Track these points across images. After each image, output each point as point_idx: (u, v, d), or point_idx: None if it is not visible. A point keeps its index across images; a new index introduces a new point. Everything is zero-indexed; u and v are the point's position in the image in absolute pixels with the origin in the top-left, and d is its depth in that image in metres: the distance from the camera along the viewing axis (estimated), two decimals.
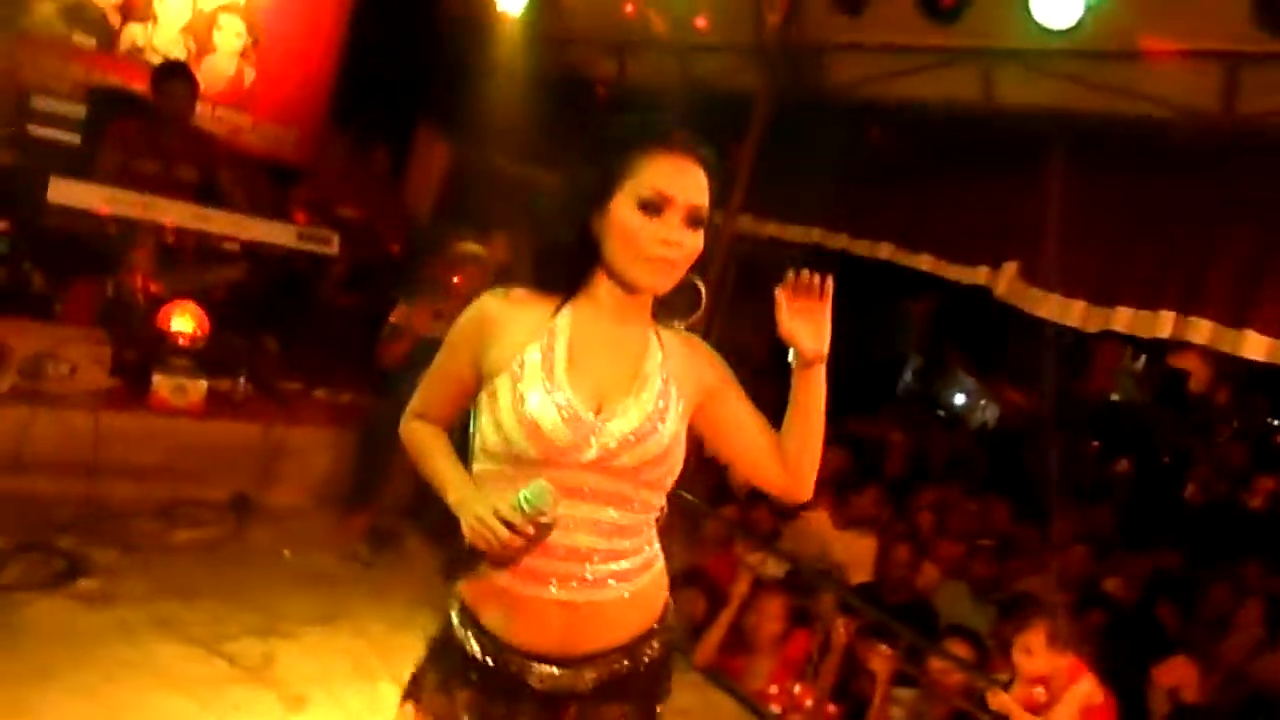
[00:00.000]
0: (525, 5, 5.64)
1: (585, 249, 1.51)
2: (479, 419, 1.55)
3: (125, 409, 4.06)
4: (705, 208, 1.49)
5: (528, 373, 1.48)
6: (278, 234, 4.73)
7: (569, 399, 1.48)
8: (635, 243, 1.46)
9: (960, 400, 10.66)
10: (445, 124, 7.03)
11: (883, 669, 3.48)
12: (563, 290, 1.55)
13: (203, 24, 5.83)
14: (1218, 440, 8.80)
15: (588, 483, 1.48)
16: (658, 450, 1.51)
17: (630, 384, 1.53)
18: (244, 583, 3.65)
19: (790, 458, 1.63)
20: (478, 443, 1.56)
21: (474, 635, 1.54)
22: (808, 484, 1.66)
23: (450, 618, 1.59)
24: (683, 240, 1.47)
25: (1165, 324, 3.52)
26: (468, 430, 1.61)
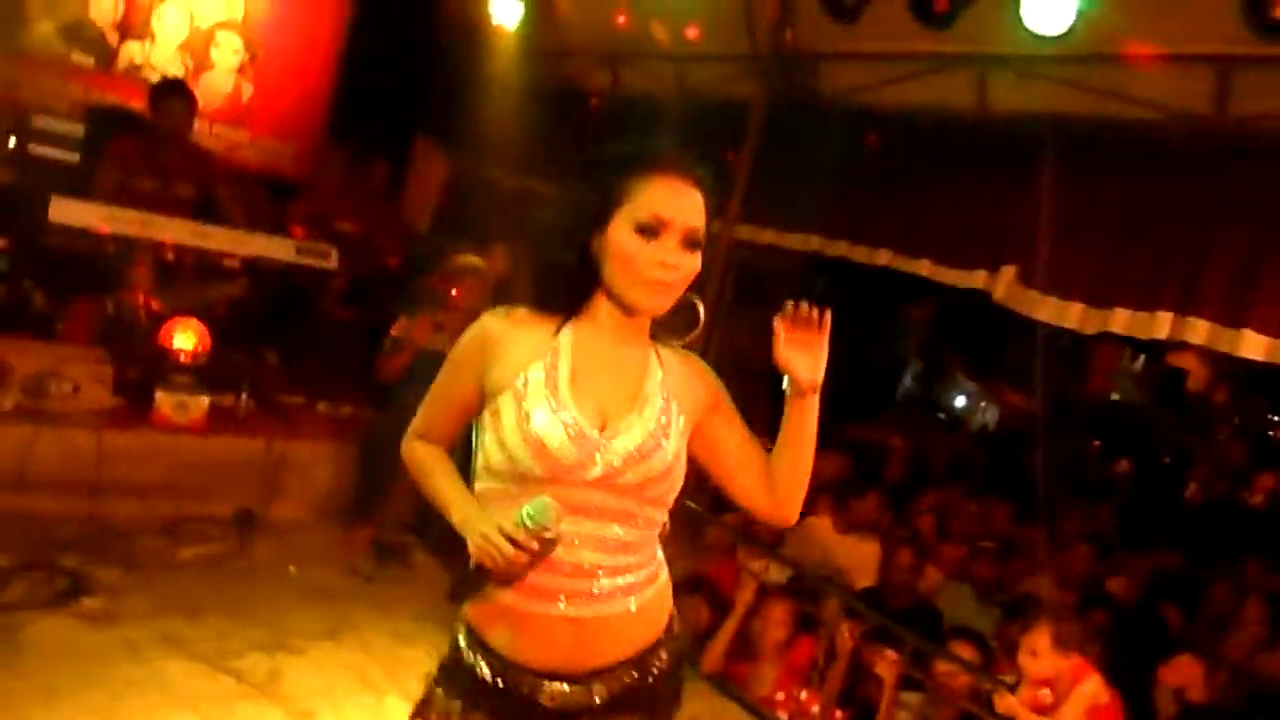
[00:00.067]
0: (521, 18, 5.68)
1: (585, 271, 1.53)
2: (482, 438, 1.56)
3: (128, 427, 4.07)
4: (702, 229, 1.50)
5: (532, 391, 1.49)
6: (277, 249, 4.75)
7: (575, 417, 1.49)
8: (633, 266, 1.48)
9: (960, 403, 10.68)
10: (443, 137, 7.06)
11: (889, 674, 3.47)
12: (563, 311, 1.57)
13: (200, 41, 5.85)
14: (1217, 439, 8.83)
15: (593, 500, 1.49)
16: (661, 467, 1.53)
17: (633, 402, 1.54)
18: (249, 598, 3.65)
19: (779, 483, 1.65)
20: (480, 462, 1.56)
21: (482, 657, 1.54)
22: (794, 509, 1.68)
23: (458, 640, 1.59)
24: (680, 263, 1.49)
25: (1163, 325, 3.53)
26: (469, 449, 1.61)
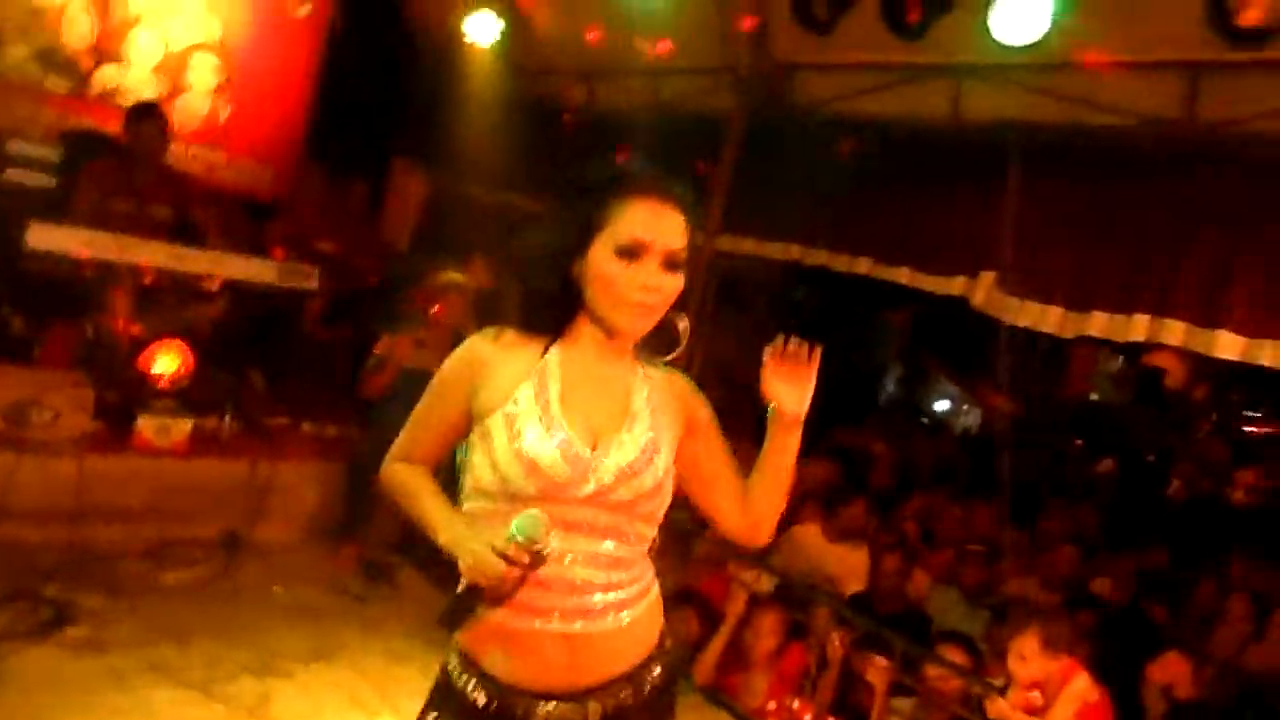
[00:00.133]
0: (497, 36, 5.69)
1: (568, 295, 1.55)
2: (471, 459, 1.56)
3: (109, 452, 4.05)
4: (683, 250, 1.52)
5: (523, 411, 1.50)
6: (257, 270, 4.74)
7: (567, 435, 1.50)
8: (615, 289, 1.49)
9: (942, 407, 10.76)
10: (421, 155, 7.06)
11: (880, 680, 3.49)
12: (549, 333, 1.58)
13: (175, 63, 5.82)
14: (1197, 436, 8.91)
15: (585, 517, 1.50)
16: (652, 483, 1.54)
17: (622, 420, 1.56)
18: (236, 622, 3.63)
19: (753, 505, 1.69)
20: (469, 483, 1.56)
21: (475, 680, 1.53)
22: (767, 531, 1.73)
23: (449, 666, 1.58)
24: (661, 285, 1.50)
25: (1140, 327, 3.58)
26: (451, 472, 1.62)
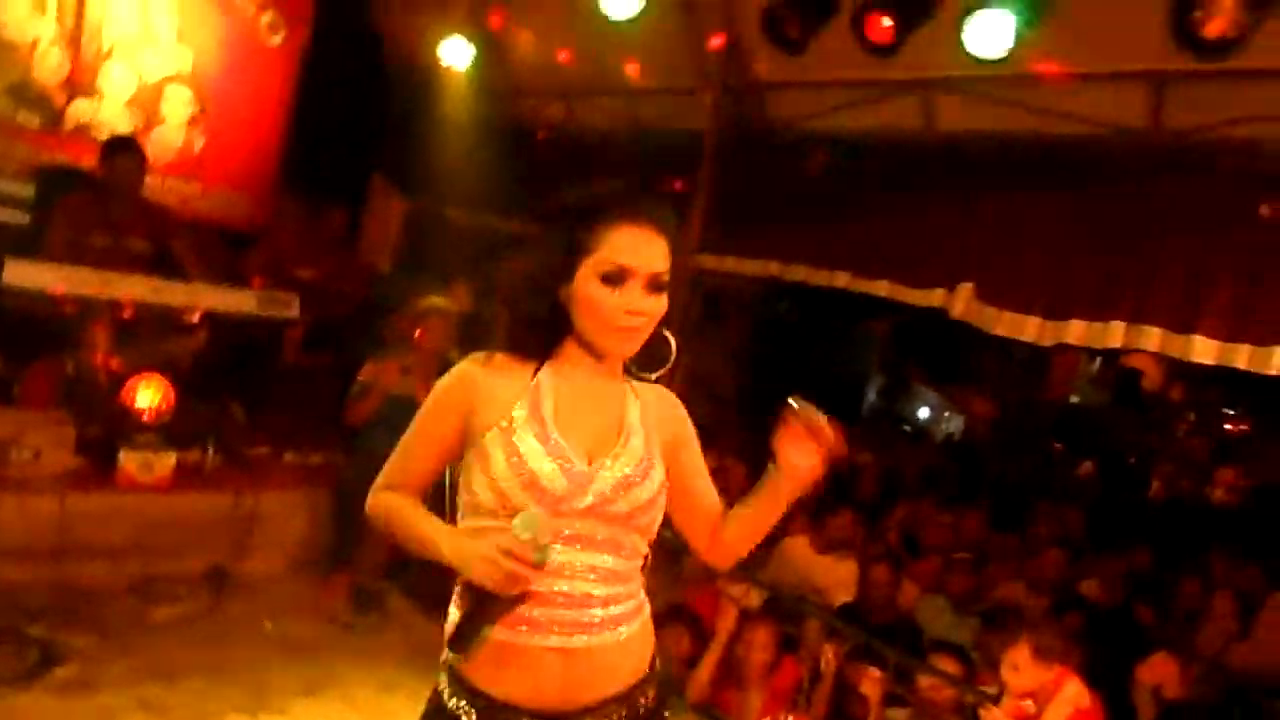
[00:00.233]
0: (472, 60, 5.71)
1: (555, 318, 1.57)
2: (467, 479, 1.57)
3: (92, 489, 4.00)
4: (666, 272, 1.54)
5: (519, 428, 1.52)
6: (237, 301, 4.71)
7: (565, 450, 1.52)
8: (600, 314, 1.52)
9: (924, 414, 10.83)
10: (399, 179, 7.07)
11: (874, 692, 3.49)
12: (538, 356, 1.60)
13: (149, 96, 5.79)
14: (1177, 436, 9.01)
15: (583, 530, 1.52)
16: (648, 496, 1.57)
17: (616, 435, 1.58)
18: (227, 657, 3.59)
19: (727, 534, 1.74)
20: (465, 502, 1.58)
21: (468, 700, 1.53)
22: (730, 561, 1.79)
23: (439, 687, 1.58)
24: (646, 308, 1.53)
25: (1116, 334, 3.63)
26: (440, 497, 1.63)
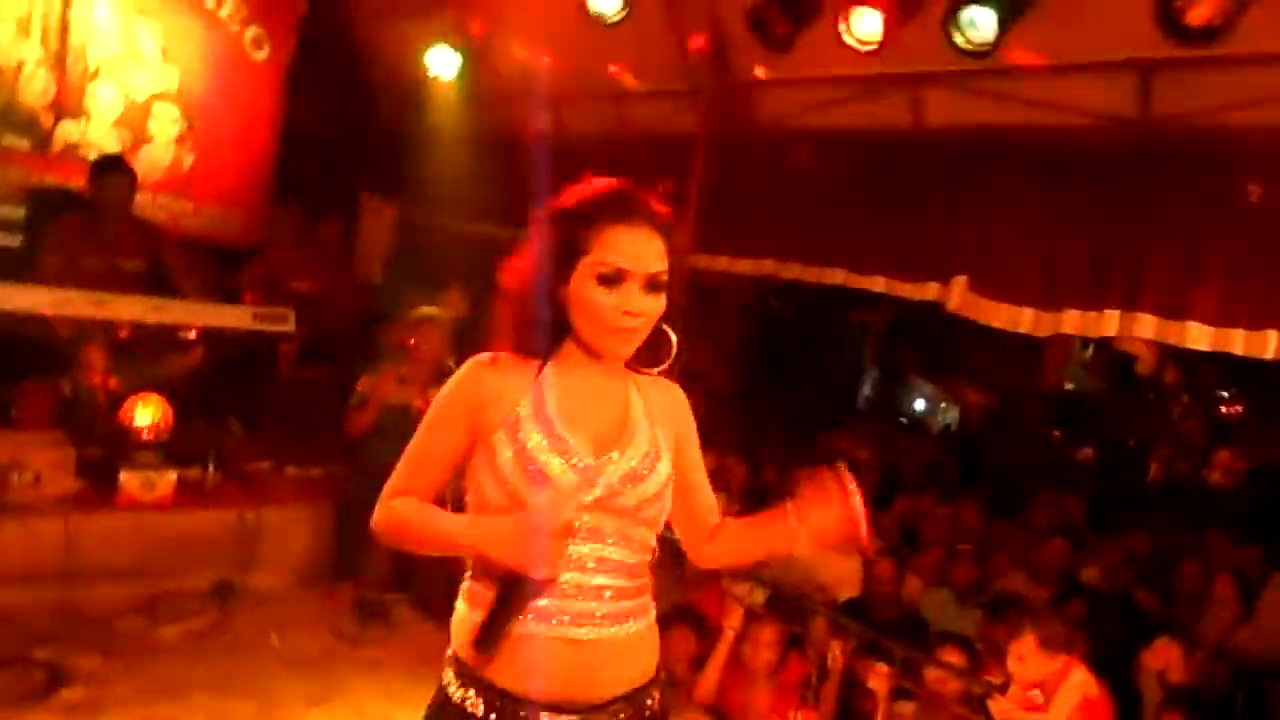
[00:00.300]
0: (458, 68, 5.71)
1: (556, 319, 1.58)
2: (475, 479, 1.58)
3: (94, 510, 4.01)
4: (664, 272, 1.54)
5: (525, 426, 1.54)
6: (233, 317, 4.73)
7: (572, 444, 1.54)
8: (597, 316, 1.53)
9: (920, 406, 10.85)
10: (388, 188, 7.07)
11: (881, 687, 3.50)
12: (541, 355, 1.61)
13: (137, 115, 5.79)
14: (1173, 419, 9.02)
15: (591, 523, 1.53)
16: (656, 488, 1.59)
17: (622, 429, 1.60)
18: (235, 673, 3.61)
19: (718, 546, 1.78)
20: (473, 502, 1.59)
21: (475, 690, 1.53)
22: (713, 566, 1.87)
23: (444, 681, 1.58)
24: (643, 309, 1.54)
25: (1111, 323, 3.64)
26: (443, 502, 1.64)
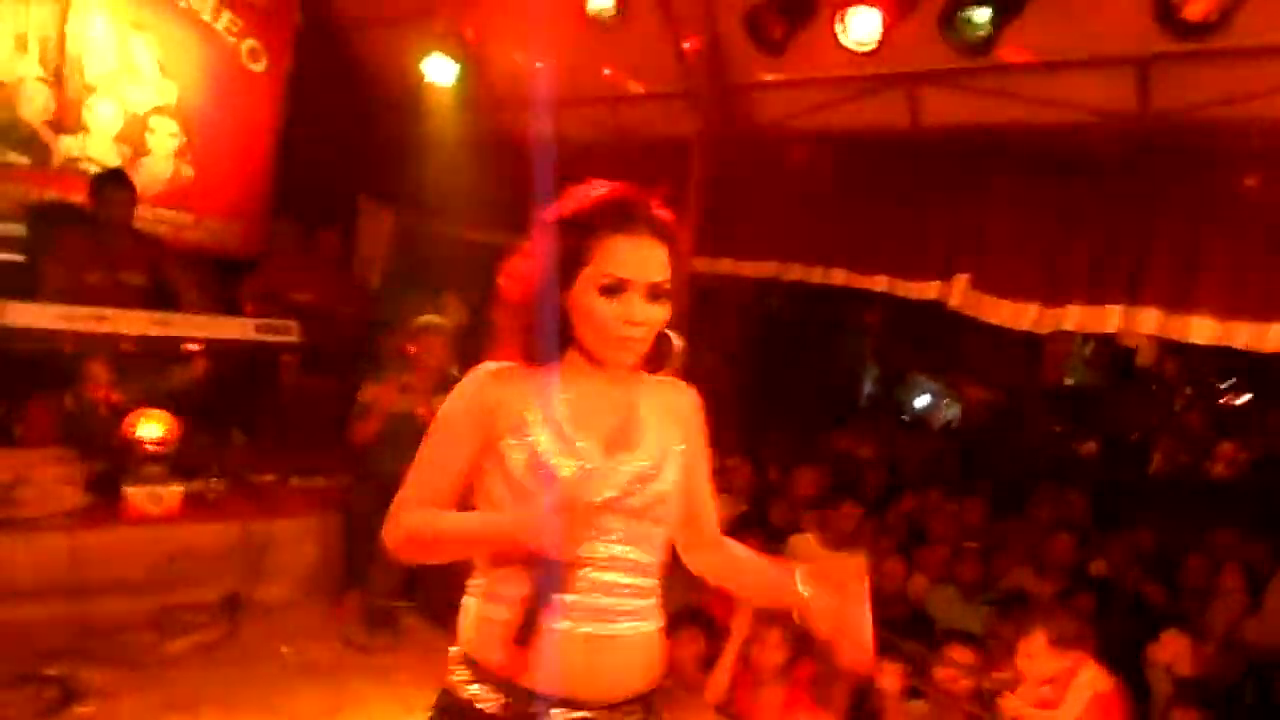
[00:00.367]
0: (455, 75, 5.72)
1: (559, 327, 1.58)
2: (485, 485, 1.59)
3: (101, 524, 4.00)
4: (666, 281, 1.54)
5: (535, 430, 1.54)
6: (236, 329, 4.73)
7: (582, 445, 1.55)
8: (600, 326, 1.53)
9: (923, 402, 10.85)
10: (386, 196, 7.08)
11: (892, 686, 3.51)
12: (546, 361, 1.61)
13: (135, 128, 5.80)
14: (1176, 411, 9.00)
15: (604, 523, 1.54)
16: (665, 488, 1.59)
17: (631, 431, 1.60)
18: (246, 685, 3.61)
19: (710, 559, 1.79)
20: (482, 507, 1.60)
21: (486, 686, 1.54)
22: (698, 574, 1.84)
23: (451, 680, 1.58)
24: (645, 318, 1.54)
25: (1114, 318, 3.64)
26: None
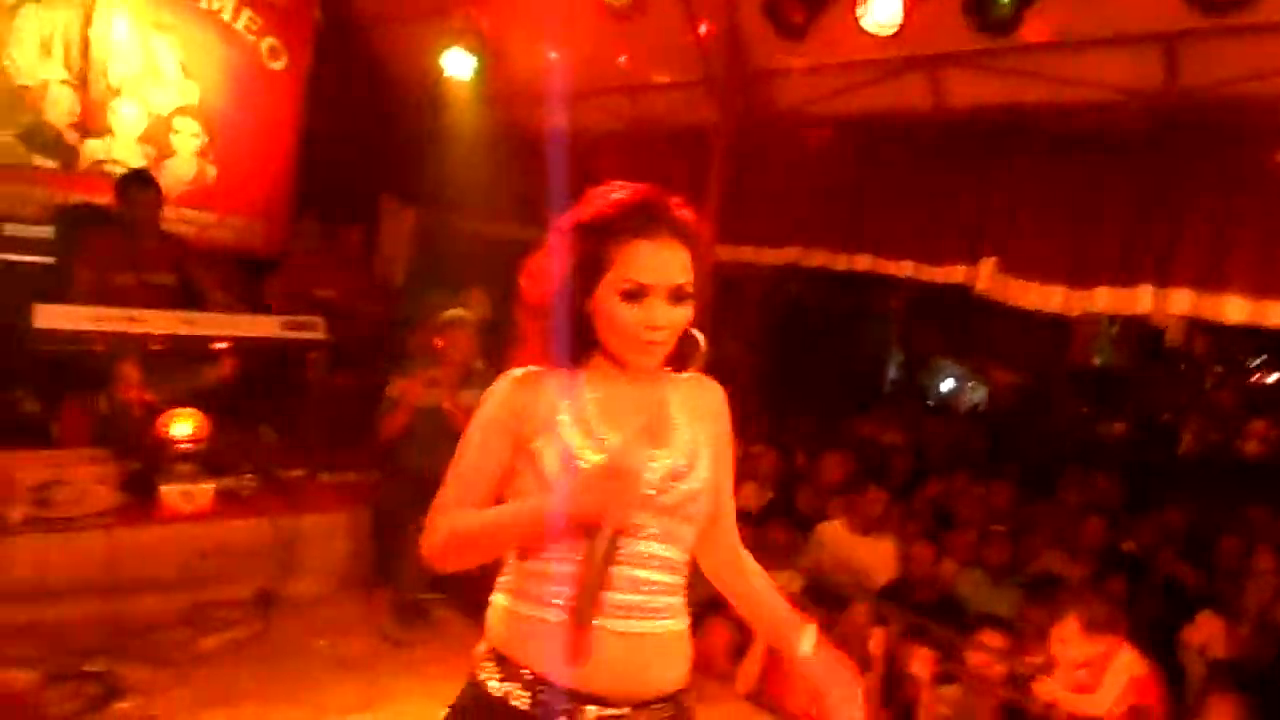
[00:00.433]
0: (472, 70, 5.72)
1: (584, 330, 1.58)
2: (517, 486, 1.58)
3: (136, 523, 4.06)
4: (689, 283, 1.53)
5: (566, 430, 1.54)
6: (263, 327, 4.77)
7: (613, 444, 1.54)
8: (622, 331, 1.53)
9: (948, 386, 10.79)
10: (408, 192, 7.10)
11: (924, 672, 3.51)
12: (573, 365, 1.61)
13: (159, 129, 5.85)
14: (1205, 389, 8.90)
15: (636, 520, 1.53)
16: (697, 486, 1.59)
17: (662, 429, 1.60)
18: (281, 679, 3.65)
19: (722, 570, 1.77)
20: None
21: (515, 683, 1.53)
22: (705, 575, 1.82)
23: (479, 678, 1.57)
24: (668, 321, 1.53)
25: (1145, 299, 3.59)
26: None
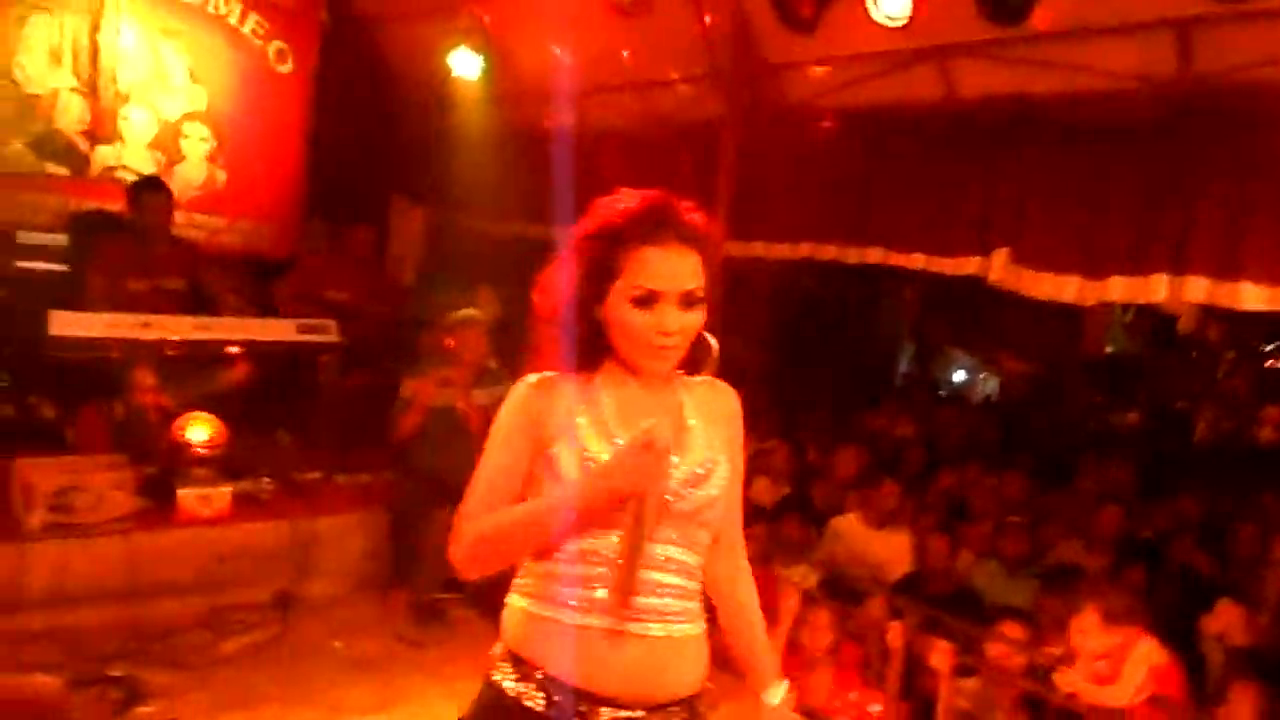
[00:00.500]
0: (479, 69, 5.72)
1: (596, 336, 1.58)
2: (534, 491, 1.59)
3: (154, 527, 4.08)
4: (700, 288, 1.54)
5: (584, 434, 1.55)
6: (277, 330, 4.79)
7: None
8: (634, 337, 1.53)
9: (960, 377, 10.76)
10: (417, 192, 7.11)
11: (943, 664, 3.50)
12: (587, 370, 1.62)
13: (169, 135, 5.88)
14: (1219, 377, 8.85)
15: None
16: (716, 491, 1.59)
17: (679, 434, 1.59)
18: (300, 681, 3.67)
19: (717, 583, 1.74)
20: None
21: (531, 684, 1.54)
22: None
23: (494, 679, 1.58)
24: (679, 327, 1.53)
25: (1159, 288, 3.57)
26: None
